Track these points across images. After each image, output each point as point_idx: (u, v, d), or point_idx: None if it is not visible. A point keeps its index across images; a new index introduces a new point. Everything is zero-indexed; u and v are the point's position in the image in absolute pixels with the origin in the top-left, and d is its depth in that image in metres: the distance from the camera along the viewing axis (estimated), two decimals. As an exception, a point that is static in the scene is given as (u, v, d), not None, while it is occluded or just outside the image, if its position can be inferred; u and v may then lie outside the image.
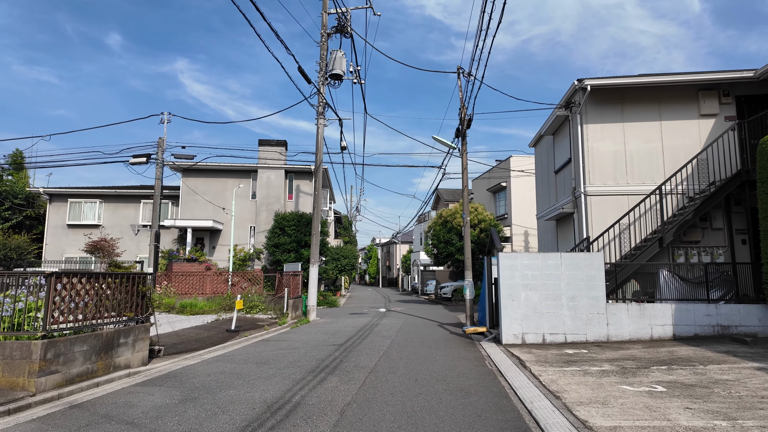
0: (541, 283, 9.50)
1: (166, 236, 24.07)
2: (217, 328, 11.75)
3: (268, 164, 23.54)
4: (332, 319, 15.23)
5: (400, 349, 9.02)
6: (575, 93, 12.68)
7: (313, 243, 15.40)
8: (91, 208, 24.69)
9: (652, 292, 10.74)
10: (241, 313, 15.05)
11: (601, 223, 11.99)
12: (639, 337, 9.31)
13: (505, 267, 9.60)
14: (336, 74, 15.75)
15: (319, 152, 15.65)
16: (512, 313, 9.44)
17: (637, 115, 12.33)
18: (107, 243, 18.41)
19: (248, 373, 6.76)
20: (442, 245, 22.66)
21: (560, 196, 14.46)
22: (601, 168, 12.23)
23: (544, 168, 16.53)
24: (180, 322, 12.61)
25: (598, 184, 12.15)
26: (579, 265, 9.50)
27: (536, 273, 9.54)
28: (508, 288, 9.52)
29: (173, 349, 8.69)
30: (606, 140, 12.32)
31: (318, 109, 15.72)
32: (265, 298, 16.26)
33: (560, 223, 14.74)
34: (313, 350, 8.83)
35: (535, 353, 8.14)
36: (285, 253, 20.93)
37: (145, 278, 7.47)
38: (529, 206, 23.51)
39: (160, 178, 17.96)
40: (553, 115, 14.04)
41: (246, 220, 23.67)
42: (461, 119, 13.01)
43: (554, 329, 9.35)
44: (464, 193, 13.08)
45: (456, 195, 33.68)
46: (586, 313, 9.37)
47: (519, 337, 9.38)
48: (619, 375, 6.25)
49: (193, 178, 23.71)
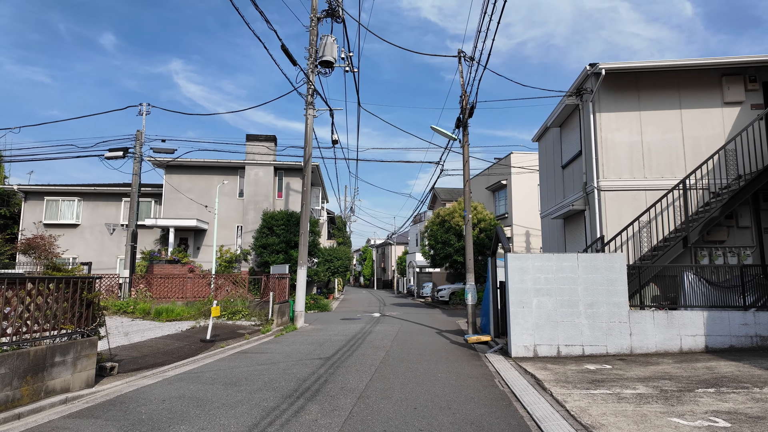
0: (556, 288, 8.39)
1: (148, 236, 22.81)
2: (191, 338, 10.55)
3: (256, 160, 22.33)
4: (322, 326, 14.06)
5: (396, 364, 7.87)
6: (587, 79, 11.60)
7: (302, 243, 14.23)
8: (69, 206, 23.36)
9: (673, 297, 9.65)
10: (222, 319, 13.85)
11: (616, 221, 10.92)
12: (666, 349, 8.21)
13: (515, 269, 8.48)
14: (326, 61, 14.60)
15: (308, 145, 14.48)
16: (522, 321, 8.32)
17: (655, 102, 11.27)
18: (44, 241, 16.15)
19: (211, 399, 5.58)
20: (440, 246, 21.53)
21: (568, 193, 13.38)
22: (616, 161, 11.16)
23: (550, 163, 15.46)
24: (151, 330, 11.39)
25: (612, 179, 11.07)
26: (598, 267, 8.40)
27: (550, 276, 8.43)
28: (517, 293, 8.40)
29: (132, 365, 7.49)
30: (621, 130, 11.25)
31: (307, 99, 14.56)
32: (249, 302, 15.06)
33: (568, 222, 13.66)
34: (294, 366, 7.66)
35: (552, 369, 7.02)
36: (273, 254, 19.73)
37: (92, 283, 6.27)
38: (530, 205, 22.45)
39: (138, 173, 16.73)
40: (561, 104, 12.96)
41: (233, 219, 22.44)
42: (462, 108, 11.90)
43: (570, 340, 8.23)
44: (465, 188, 11.96)
45: (453, 194, 32.59)
46: (606, 322, 8.26)
47: (530, 349, 8.25)
48: (661, 401, 5.13)
49: (177, 175, 22.45)
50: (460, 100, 11.95)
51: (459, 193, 29.95)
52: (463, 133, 12.01)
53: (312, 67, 14.61)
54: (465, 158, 11.89)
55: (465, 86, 11.90)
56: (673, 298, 9.64)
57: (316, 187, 26.97)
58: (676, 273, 9.47)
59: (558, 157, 14.41)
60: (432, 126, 11.96)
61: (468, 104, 11.76)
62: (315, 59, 14.70)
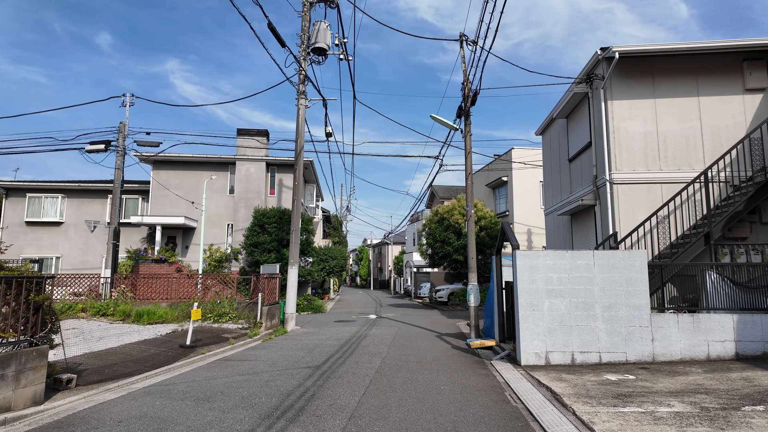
0: (570, 289, 7.60)
1: (135, 235, 21.91)
2: (170, 343, 9.70)
3: (248, 156, 21.47)
4: (314, 329, 13.22)
5: (393, 373, 7.05)
6: (597, 65, 10.83)
7: (292, 241, 13.39)
8: (53, 203, 22.42)
9: (692, 298, 8.88)
10: (207, 322, 13.01)
11: (629, 216, 10.15)
12: (692, 356, 7.43)
13: (524, 268, 7.68)
14: (319, 48, 13.77)
15: (299, 137, 13.65)
16: (533, 326, 7.52)
17: (671, 89, 10.51)
18: None
19: (176, 419, 4.75)
20: (438, 245, 20.73)
21: (576, 187, 12.61)
22: (630, 152, 10.38)
23: (555, 157, 14.68)
24: (128, 335, 10.53)
25: (625, 171, 10.30)
26: (616, 265, 7.61)
27: (563, 276, 7.63)
28: (528, 294, 7.60)
29: (96, 376, 6.65)
30: (635, 119, 10.48)
31: (298, 87, 13.73)
32: (237, 304, 14.20)
33: (576, 219, 12.88)
34: (279, 377, 6.83)
35: (569, 380, 6.22)
36: (265, 253, 18.87)
37: (41, 283, 5.42)
38: (532, 202, 21.69)
39: (121, 167, 15.85)
40: (568, 93, 12.18)
41: (223, 217, 21.56)
42: (464, 95, 11.10)
43: (586, 346, 7.44)
44: (468, 181, 11.15)
45: (452, 192, 31.81)
46: (625, 327, 7.47)
47: (542, 357, 7.45)
48: (706, 423, 4.34)
49: (165, 171, 21.55)
50: (462, 87, 11.15)
51: (458, 191, 29.18)
52: (465, 123, 11.21)
53: (304, 54, 13.78)
54: (467, 149, 11.09)
55: (467, 72, 11.09)
56: (693, 299, 8.88)
57: (310, 184, 26.12)
58: (695, 272, 8.70)
59: (564, 150, 13.63)
60: (432, 115, 11.16)
61: (470, 91, 10.96)
62: (307, 46, 13.87)
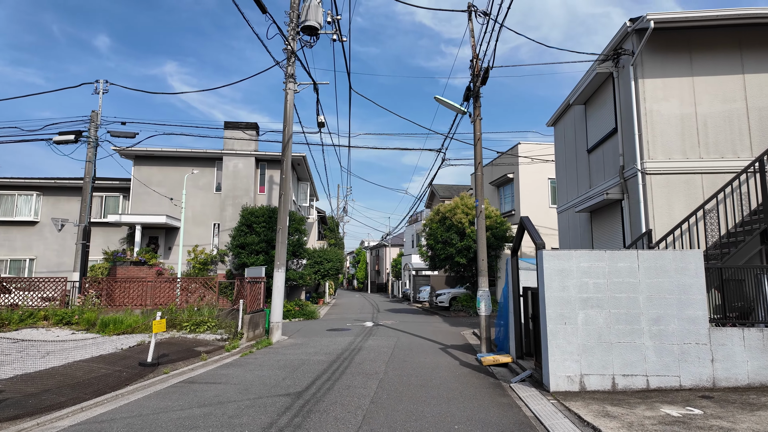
0: (609, 297, 6.21)
1: (114, 235, 20.44)
2: (129, 359, 8.26)
3: (236, 150, 20.03)
4: (303, 339, 11.79)
5: (392, 404, 5.64)
6: (626, 38, 9.47)
7: (279, 241, 11.97)
8: (27, 201, 20.93)
9: (742, 307, 7.50)
10: (182, 332, 11.56)
11: (665, 211, 8.78)
12: (763, 381, 6.04)
13: (553, 272, 6.29)
14: (310, 27, 12.38)
15: (288, 124, 12.24)
16: (565, 343, 6.13)
17: (712, 66, 9.15)
18: None
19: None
20: (440, 246, 19.32)
21: (597, 180, 11.24)
22: (665, 137, 9.02)
23: (570, 148, 13.32)
24: (83, 349, 9.07)
25: (660, 159, 8.93)
26: (665, 269, 6.23)
27: (600, 282, 6.24)
28: (558, 304, 6.21)
29: (13, 410, 5.21)
30: (670, 100, 9.11)
31: (287, 69, 12.33)
32: (219, 311, 12.76)
33: (597, 216, 11.49)
34: (249, 409, 5.40)
35: (618, 416, 4.82)
36: (252, 255, 17.43)
37: None
38: (540, 201, 20.32)
39: (93, 160, 14.41)
40: (589, 74, 10.82)
41: (209, 216, 20.11)
42: (473, 74, 9.72)
43: (630, 368, 6.04)
44: (478, 172, 9.76)
45: (453, 191, 30.43)
46: (678, 343, 6.08)
47: (575, 381, 6.05)
48: None
49: (147, 167, 20.09)
50: (471, 65, 9.78)
51: (459, 190, 27.80)
52: (474, 105, 9.82)
53: (293, 34, 12.39)
54: (476, 135, 9.70)
55: (476, 47, 9.72)
56: (743, 308, 7.50)
57: (303, 182, 24.72)
58: (743, 276, 7.31)
59: (582, 139, 12.27)
60: (436, 97, 9.77)
61: (480, 69, 9.58)
62: (296, 25, 12.48)
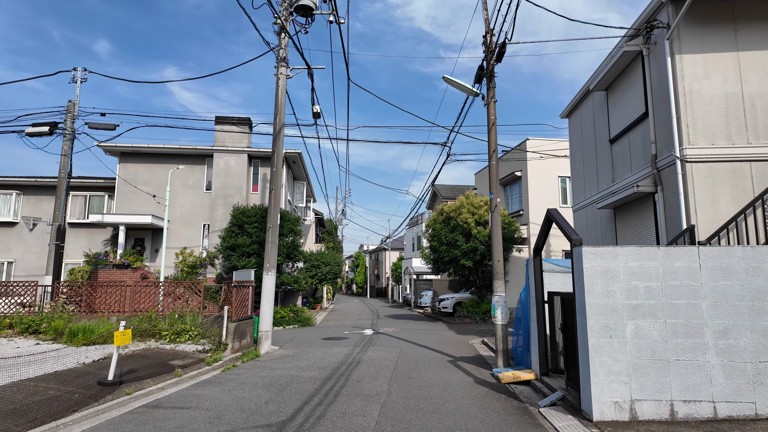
0: (664, 304, 5.05)
1: (98, 236, 19.27)
2: (89, 376, 7.07)
3: (227, 147, 18.88)
4: (295, 350, 10.60)
5: (399, 439, 4.47)
6: (660, 9, 8.37)
7: (269, 240, 10.81)
8: (6, 201, 19.74)
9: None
10: (160, 342, 10.39)
11: (709, 204, 7.65)
12: None
13: (596, 274, 5.14)
14: (304, 6, 11.27)
15: (279, 112, 11.12)
16: (610, 360, 4.96)
17: (760, 39, 8.05)
18: None
19: None
20: (444, 248, 18.16)
21: (622, 173, 10.11)
22: (707, 120, 7.89)
23: (588, 140, 12.20)
24: (40, 364, 7.87)
25: (702, 145, 7.80)
26: (733, 269, 5.08)
27: (653, 285, 5.09)
28: (601, 313, 5.05)
29: None
30: (712, 78, 8.00)
31: (279, 53, 11.22)
32: (204, 318, 11.58)
33: (623, 213, 10.35)
34: (215, 448, 4.23)
35: (699, 463, 3.65)
36: (243, 257, 16.25)
37: None
38: (550, 200, 19.19)
39: (68, 154, 13.27)
40: (613, 54, 9.73)
41: (198, 216, 18.93)
42: (487, 49, 8.60)
43: (692, 392, 4.88)
44: (492, 161, 8.60)
45: (455, 191, 29.28)
46: (751, 362, 4.92)
47: (624, 408, 4.89)
48: None
49: (133, 164, 18.94)
50: (484, 40, 8.66)
51: (462, 191, 26.63)
52: (487, 86, 8.69)
53: (286, 15, 11.29)
54: (491, 119, 8.56)
55: (489, 20, 8.61)
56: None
57: (299, 181, 23.58)
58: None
59: (603, 129, 11.15)
60: (445, 77, 8.64)
61: (495, 45, 8.46)
62: (289, 4, 11.39)
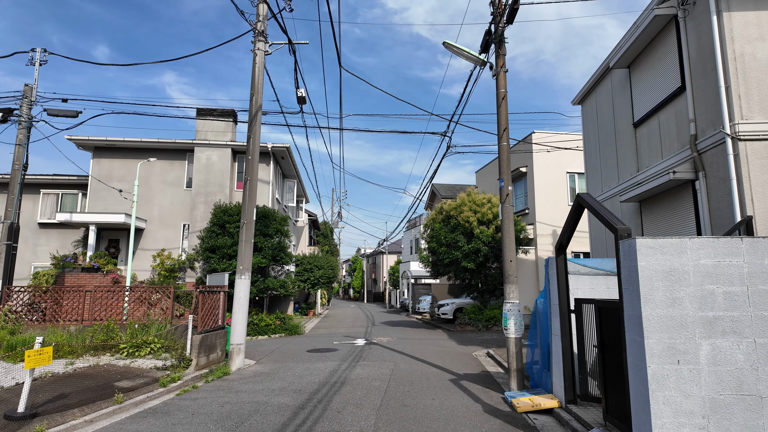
0: (753, 317, 3.67)
1: (69, 237, 17.85)
2: (1, 405, 5.64)
3: (209, 141, 17.49)
4: (272, 366, 9.17)
5: None
6: (701, -39, 7.03)
7: (243, 239, 9.42)
8: (-30, 200, 18.30)
9: None
10: (117, 356, 8.94)
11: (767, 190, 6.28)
12: None
13: (655, 276, 3.75)
14: (285, -27, 9.93)
15: (256, 92, 9.74)
16: (678, 396, 3.57)
17: (824, -6, 6.72)
18: None
19: None
20: (444, 249, 16.76)
21: (651, 160, 8.75)
22: (763, 90, 6.55)
23: (606, 127, 10.85)
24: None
25: (759, 119, 6.45)
26: (844, 268, 3.69)
27: (736, 290, 3.71)
28: (664, 329, 3.66)
29: None
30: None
31: (256, 26, 9.86)
32: (169, 328, 10.14)
33: (650, 206, 8.97)
34: None
35: None
36: (224, 259, 14.83)
37: None
38: (557, 198, 17.82)
39: (24, 143, 11.87)
40: (641, 20, 8.39)
41: (178, 216, 17.51)
42: (495, 12, 7.24)
43: (795, 441, 3.48)
44: (503, 142, 7.22)
45: (455, 191, 27.91)
46: None
47: (699, 463, 3.48)
48: None
49: (108, 159, 17.54)
50: (491, 2, 7.30)
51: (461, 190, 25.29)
52: (496, 54, 7.32)
53: (264, -17, 9.95)
54: (501, 93, 7.19)
55: (499, -24, 7.25)
56: None
57: (289, 179, 22.18)
58: None
59: (625, 112, 9.80)
60: (445, 42, 7.29)
61: (505, 5, 7.11)
62: (269, -29, 10.04)
